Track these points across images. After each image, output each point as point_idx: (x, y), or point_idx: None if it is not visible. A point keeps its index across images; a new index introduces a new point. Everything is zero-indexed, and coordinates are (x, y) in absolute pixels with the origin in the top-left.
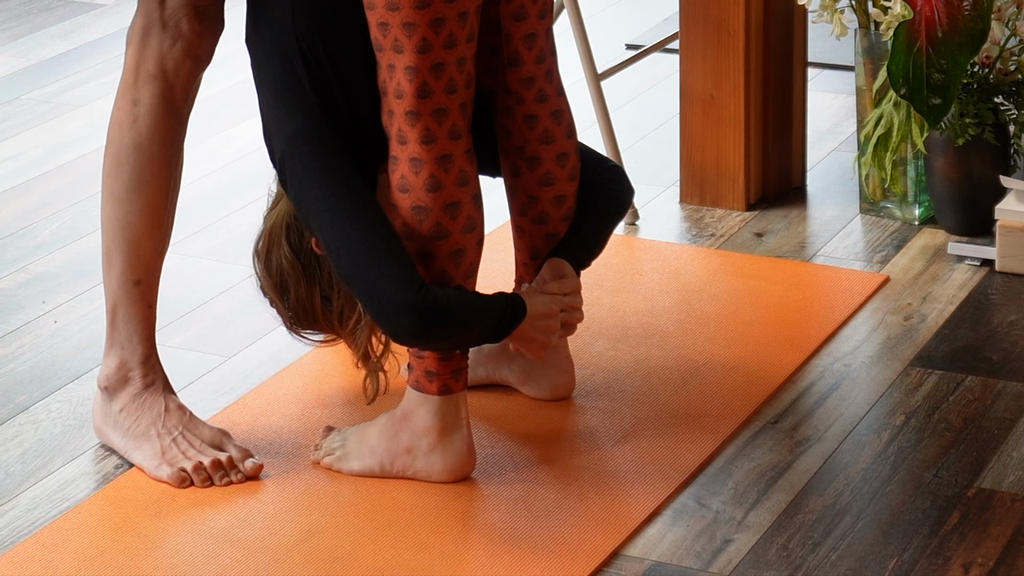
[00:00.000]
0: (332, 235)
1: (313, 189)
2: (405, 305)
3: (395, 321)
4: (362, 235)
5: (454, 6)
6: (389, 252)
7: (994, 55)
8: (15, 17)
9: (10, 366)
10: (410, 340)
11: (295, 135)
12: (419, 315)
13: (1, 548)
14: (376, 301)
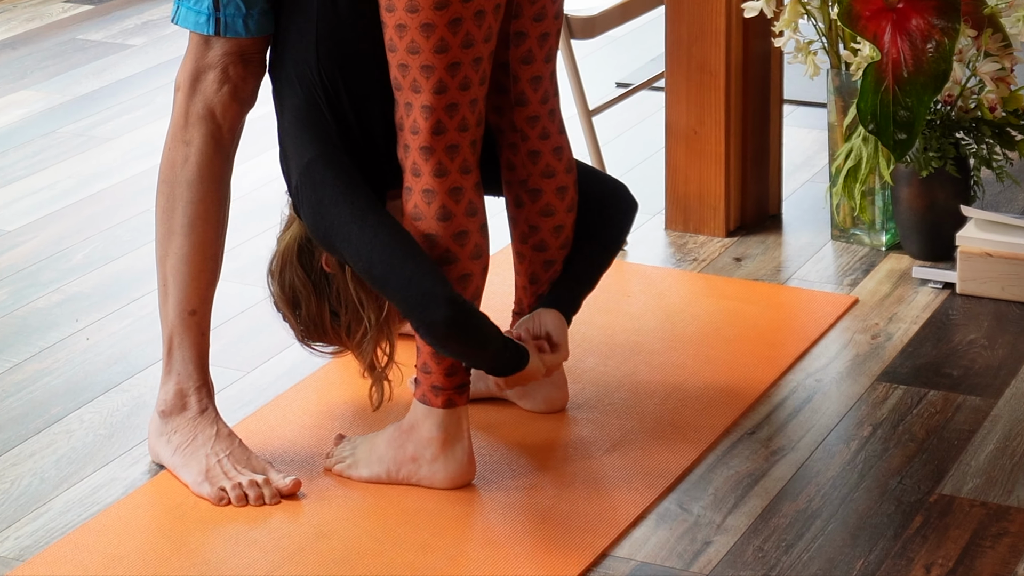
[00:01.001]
0: (362, 243)
1: (336, 206)
2: (444, 297)
3: (433, 311)
4: (393, 239)
5: (469, 52)
6: (421, 253)
7: (956, 94)
8: (51, 56)
9: (45, 380)
10: (443, 329)
11: (314, 160)
12: (455, 307)
13: (36, 548)
14: (415, 294)
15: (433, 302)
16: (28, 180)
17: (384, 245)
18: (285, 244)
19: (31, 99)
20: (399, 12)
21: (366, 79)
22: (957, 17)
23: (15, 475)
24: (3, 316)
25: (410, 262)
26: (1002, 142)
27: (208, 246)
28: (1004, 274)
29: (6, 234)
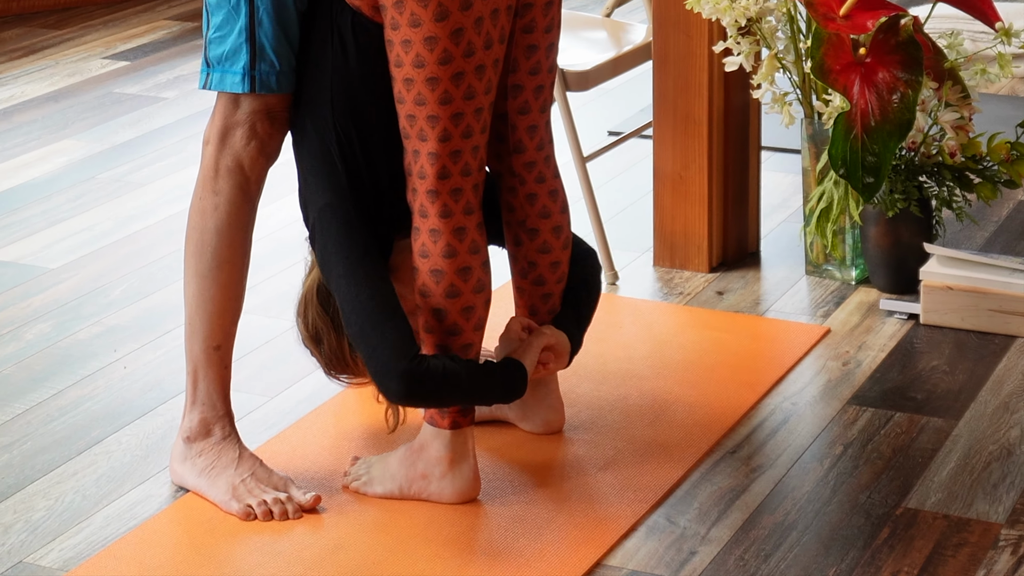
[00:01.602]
0: (346, 300)
1: (335, 257)
2: (396, 371)
3: (385, 383)
4: (370, 304)
5: (471, 103)
6: (390, 322)
7: (919, 141)
8: (91, 108)
9: (86, 405)
10: (396, 400)
11: (325, 207)
12: (406, 381)
13: (78, 560)
14: (373, 363)
15: (388, 376)
16: (70, 222)
17: (361, 307)
18: (307, 287)
19: (72, 148)
20: (407, 67)
21: (376, 130)
22: (920, 71)
23: (59, 492)
24: (47, 347)
25: (377, 331)
26: (961, 185)
27: (232, 287)
28: (964, 306)
29: (50, 272)
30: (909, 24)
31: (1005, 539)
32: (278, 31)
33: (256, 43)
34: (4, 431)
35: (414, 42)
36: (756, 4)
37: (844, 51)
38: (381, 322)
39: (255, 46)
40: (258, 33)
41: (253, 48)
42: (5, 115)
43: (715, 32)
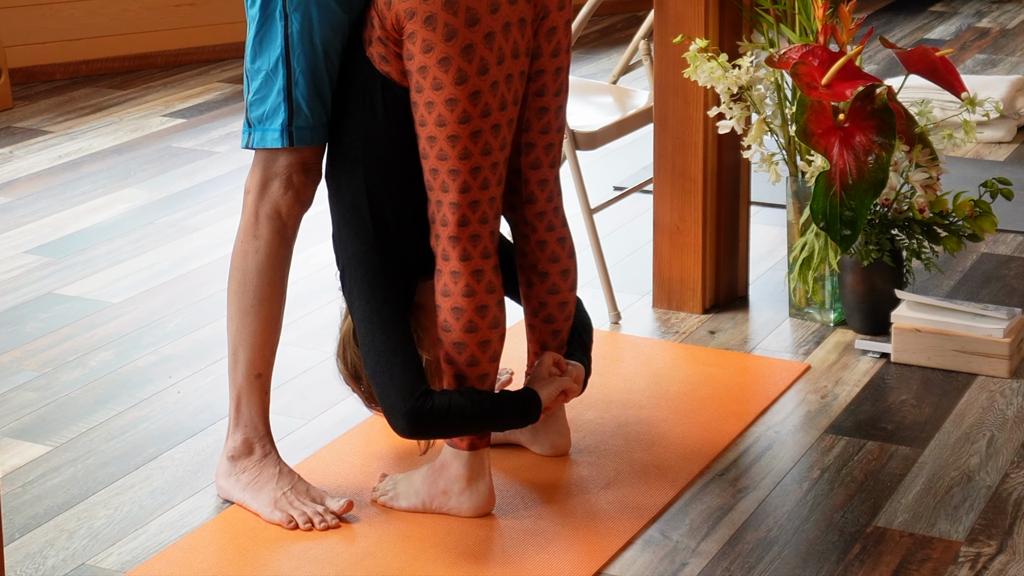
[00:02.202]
0: (364, 343)
1: (358, 302)
2: (402, 411)
3: (392, 420)
4: (384, 348)
5: (488, 158)
6: (401, 365)
7: (891, 198)
8: (151, 161)
9: (143, 425)
10: (403, 435)
11: (353, 255)
12: (410, 420)
13: (135, 563)
14: (383, 402)
15: (395, 414)
16: (131, 262)
17: (376, 350)
18: (344, 331)
19: (134, 195)
20: (430, 126)
21: (402, 183)
22: (893, 135)
23: (118, 503)
24: (109, 373)
25: (386, 373)
26: (930, 238)
27: (272, 321)
28: (931, 347)
29: (112, 306)
30: (883, 93)
31: (964, 555)
32: (312, 90)
33: (293, 101)
34: (70, 447)
35: (436, 104)
36: (746, 73)
37: (825, 117)
38: (391, 365)
39: (292, 104)
40: (295, 92)
41: (290, 106)
42: (74, 165)
43: (709, 98)
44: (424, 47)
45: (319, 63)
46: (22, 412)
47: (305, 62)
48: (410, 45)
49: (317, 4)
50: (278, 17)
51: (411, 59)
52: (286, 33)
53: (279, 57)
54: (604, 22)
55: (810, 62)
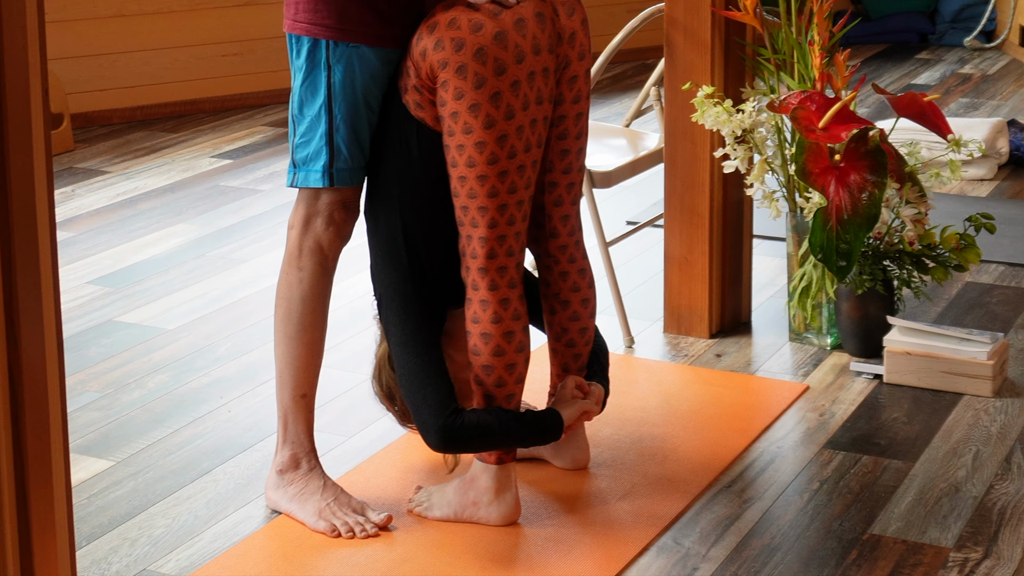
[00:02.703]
0: (399, 365)
1: (394, 329)
2: (433, 427)
3: (425, 436)
4: (418, 370)
5: (514, 196)
6: (433, 386)
7: (883, 232)
8: (201, 199)
9: (197, 442)
10: (436, 450)
11: (389, 285)
12: (441, 436)
13: (191, 568)
14: (417, 420)
15: (428, 431)
16: (184, 291)
17: (410, 372)
18: (379, 356)
19: (186, 231)
20: (460, 167)
21: (435, 219)
22: (885, 173)
23: (176, 513)
24: (166, 394)
25: (420, 393)
26: (919, 268)
27: (315, 345)
28: (920, 368)
29: (167, 332)
30: (876, 135)
31: (953, 560)
32: (352, 135)
33: (334, 145)
34: (130, 462)
35: (467, 146)
36: (749, 118)
37: (822, 157)
38: (424, 386)
39: (333, 148)
40: (336, 137)
41: (332, 149)
42: (131, 203)
43: (715, 140)
44: (456, 94)
45: (359, 110)
46: (87, 430)
47: (346, 109)
48: (443, 92)
49: (358, 56)
50: (322, 68)
51: (444, 105)
52: (329, 83)
53: (322, 104)
54: (616, 70)
55: (808, 107)
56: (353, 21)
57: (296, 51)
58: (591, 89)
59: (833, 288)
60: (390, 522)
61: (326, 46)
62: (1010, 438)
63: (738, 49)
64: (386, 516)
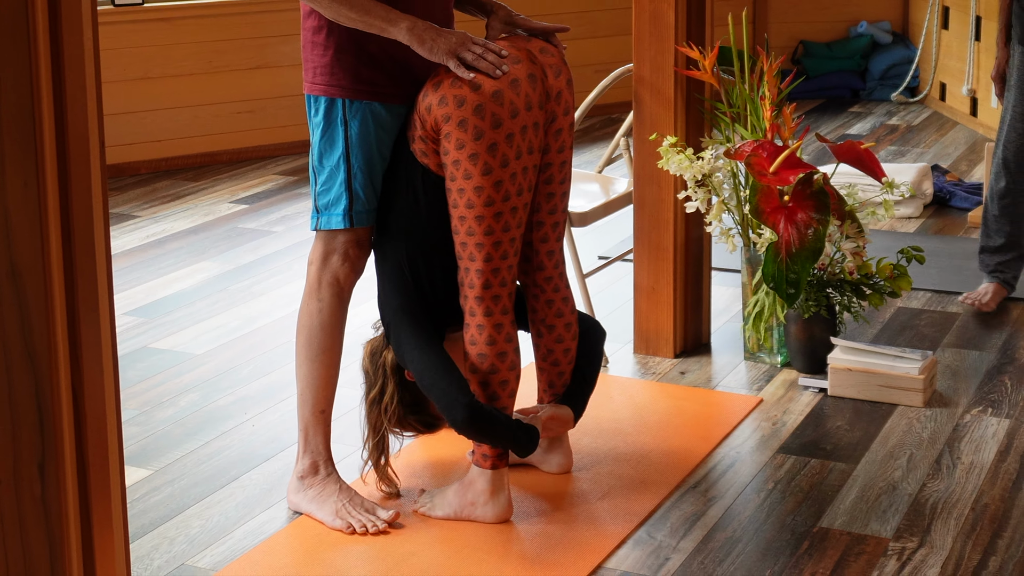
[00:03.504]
0: (419, 364)
1: (407, 342)
2: (462, 404)
3: (453, 414)
4: (439, 365)
5: (507, 234)
6: (453, 374)
7: (827, 263)
8: (222, 239)
9: (225, 453)
10: (461, 427)
11: (397, 308)
12: (469, 412)
13: (224, 563)
14: (443, 401)
15: (455, 408)
16: (209, 321)
17: (433, 368)
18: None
19: (209, 268)
20: (460, 208)
21: (436, 253)
22: (827, 212)
23: (209, 515)
24: (196, 411)
25: (444, 379)
26: (858, 295)
27: (332, 367)
28: (860, 383)
29: (196, 356)
30: (820, 179)
31: (892, 550)
32: (367, 181)
33: (352, 191)
34: (167, 471)
35: (466, 190)
36: (708, 164)
37: (773, 198)
38: (447, 374)
39: (351, 193)
40: (353, 183)
41: (350, 195)
42: (159, 243)
43: (678, 184)
44: (457, 144)
45: (373, 159)
46: (127, 443)
47: (362, 159)
48: (446, 143)
49: (371, 112)
50: (339, 124)
51: (446, 154)
52: (346, 136)
53: (341, 155)
54: (589, 122)
55: (760, 154)
56: (365, 82)
57: (315, 110)
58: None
59: (783, 313)
60: (397, 518)
61: (342, 104)
62: (940, 442)
63: (698, 104)
64: (393, 512)
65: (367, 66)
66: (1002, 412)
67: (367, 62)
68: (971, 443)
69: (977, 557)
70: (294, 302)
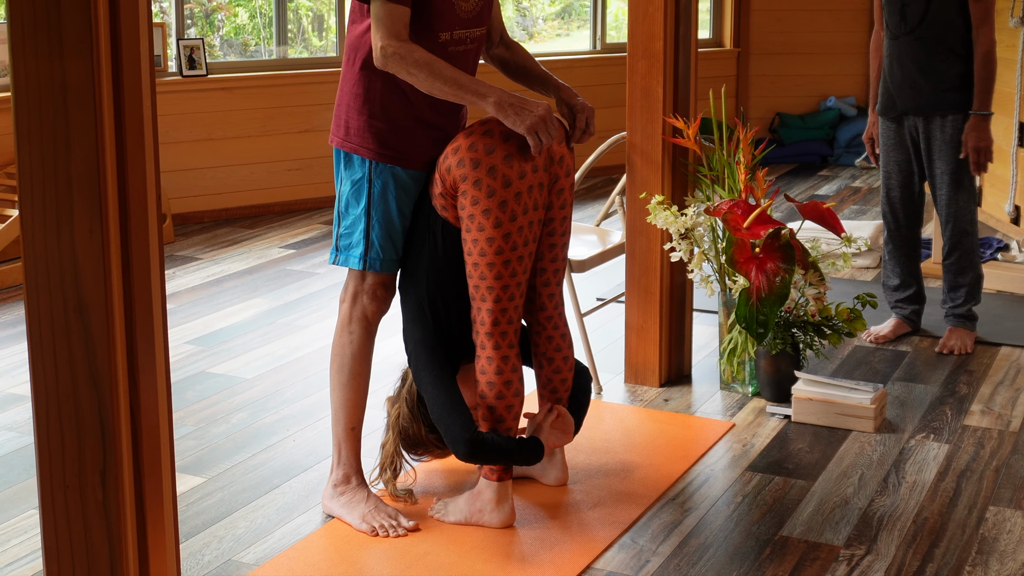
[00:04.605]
0: (432, 398)
1: (425, 373)
2: (463, 440)
3: (456, 448)
4: (447, 400)
5: (515, 279)
6: (458, 411)
7: (792, 307)
8: (272, 279)
9: (269, 464)
10: (464, 458)
11: (419, 341)
12: (469, 447)
13: (266, 559)
14: (449, 436)
15: (458, 443)
16: (259, 349)
17: (441, 403)
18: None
19: (260, 304)
20: (474, 256)
21: (453, 294)
22: (793, 262)
23: (253, 517)
24: (245, 427)
25: (450, 416)
26: (819, 335)
27: (362, 391)
28: (819, 411)
29: (246, 380)
30: (787, 233)
31: (843, 556)
32: (384, 234)
33: (369, 240)
34: (218, 479)
35: (480, 241)
36: (691, 219)
37: (746, 249)
38: (453, 411)
39: (368, 242)
40: (372, 234)
41: (367, 243)
42: (218, 282)
43: (665, 237)
44: (472, 201)
45: (391, 215)
46: (185, 454)
47: (382, 214)
48: (462, 199)
49: (393, 175)
50: (365, 181)
51: (463, 209)
52: (370, 193)
53: (363, 208)
54: (589, 182)
55: (735, 211)
56: (391, 148)
57: (345, 164)
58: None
59: (753, 349)
60: (417, 528)
61: (370, 164)
62: (887, 464)
63: (682, 167)
64: (414, 524)
65: (393, 135)
66: (943, 438)
67: (394, 132)
68: (915, 464)
69: (916, 563)
70: (331, 334)
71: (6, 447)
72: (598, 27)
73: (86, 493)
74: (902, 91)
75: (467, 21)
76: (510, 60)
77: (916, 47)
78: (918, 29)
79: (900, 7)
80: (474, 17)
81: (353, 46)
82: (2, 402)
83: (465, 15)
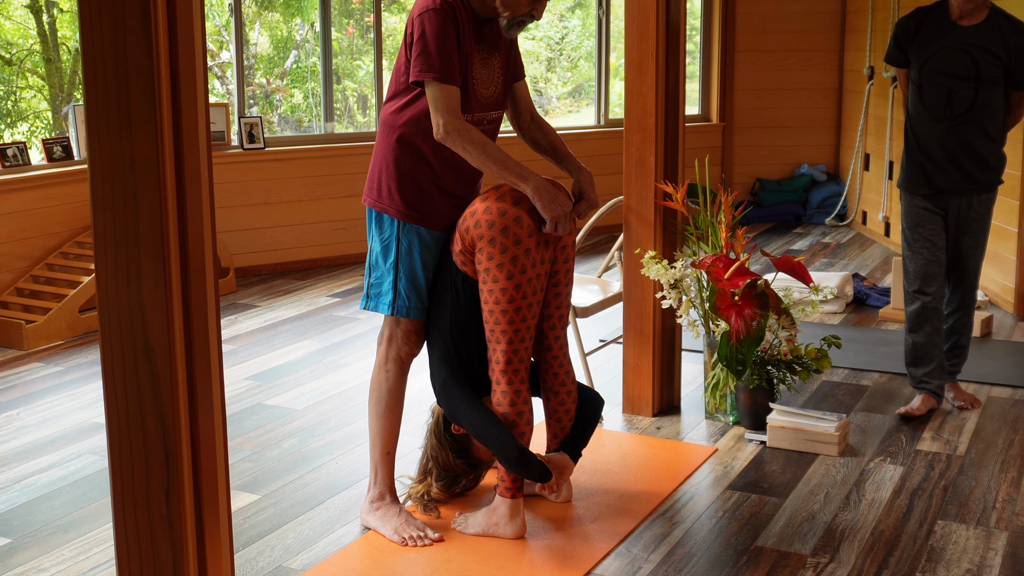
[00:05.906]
0: (473, 419)
1: (459, 402)
2: (512, 446)
3: (509, 452)
4: (488, 417)
5: (524, 323)
6: (502, 425)
7: (767, 347)
8: (319, 324)
9: (315, 483)
10: (512, 464)
11: (447, 378)
12: (519, 452)
13: (311, 564)
14: (499, 444)
15: (508, 448)
16: (308, 384)
17: (485, 423)
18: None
19: (309, 345)
20: (490, 304)
21: (473, 338)
22: (768, 309)
23: (301, 529)
24: (295, 452)
25: (495, 428)
26: (790, 371)
27: (396, 421)
28: (792, 437)
29: (297, 411)
30: (762, 284)
31: (809, 563)
32: (409, 285)
33: (397, 290)
34: (271, 496)
35: (494, 291)
36: (679, 272)
37: (727, 298)
38: (497, 425)
39: (396, 292)
40: (399, 285)
41: (395, 293)
42: (273, 326)
43: (657, 287)
44: (488, 256)
45: (416, 270)
46: (243, 475)
47: (408, 268)
48: (479, 255)
49: (417, 234)
50: (394, 239)
51: (479, 264)
52: (398, 249)
53: (392, 262)
54: (592, 239)
55: (718, 265)
56: (417, 211)
57: (376, 222)
58: (576, 252)
59: (734, 384)
60: (442, 539)
61: (398, 224)
62: (849, 483)
63: (672, 227)
64: (439, 536)
65: (419, 199)
66: (898, 461)
67: (420, 196)
68: (873, 484)
69: (874, 570)
70: (370, 372)
71: (90, 468)
72: (602, 105)
73: (152, 509)
74: (942, 171)
75: (486, 105)
76: (541, 140)
77: (962, 131)
78: (966, 115)
79: (947, 93)
80: (493, 101)
81: (388, 122)
82: (87, 430)
83: (485, 100)
